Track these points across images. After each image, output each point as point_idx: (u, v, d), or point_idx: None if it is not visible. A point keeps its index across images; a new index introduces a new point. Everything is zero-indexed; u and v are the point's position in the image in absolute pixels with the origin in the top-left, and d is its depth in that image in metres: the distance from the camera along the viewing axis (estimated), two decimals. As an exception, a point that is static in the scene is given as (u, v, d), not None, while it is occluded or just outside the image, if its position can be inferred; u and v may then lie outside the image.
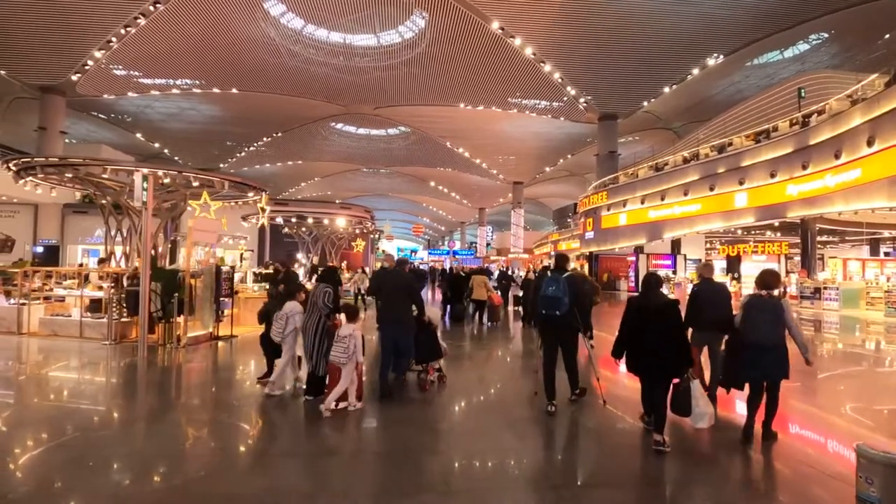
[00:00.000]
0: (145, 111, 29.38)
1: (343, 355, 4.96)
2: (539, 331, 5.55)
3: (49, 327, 8.85)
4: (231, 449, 4.28)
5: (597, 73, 22.62)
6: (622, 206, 22.46)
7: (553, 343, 5.25)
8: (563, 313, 5.01)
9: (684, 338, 4.31)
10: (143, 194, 6.15)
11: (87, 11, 18.09)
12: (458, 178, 43.10)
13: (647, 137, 32.15)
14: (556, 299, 5.03)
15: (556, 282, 5.10)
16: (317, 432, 4.71)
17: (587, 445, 4.72)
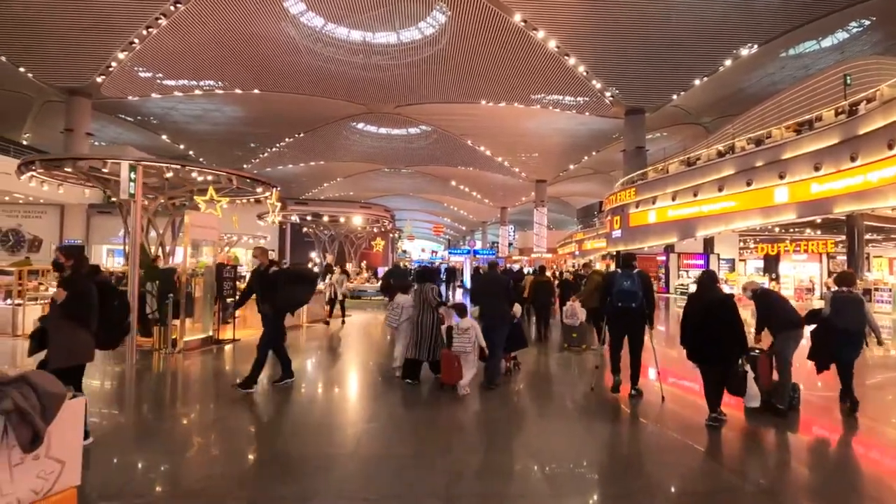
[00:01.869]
0: (170, 113, 29.72)
1: (468, 345, 5.85)
2: (608, 323, 6.13)
3: None
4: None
5: (623, 65, 21.81)
6: (651, 204, 21.54)
7: (622, 334, 5.99)
8: (637, 305, 5.76)
9: (740, 328, 4.73)
10: (131, 186, 5.75)
11: (109, 12, 18.20)
12: (479, 176, 42.53)
13: (675, 133, 31.06)
14: (632, 293, 5.74)
15: (630, 277, 5.79)
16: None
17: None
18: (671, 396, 5.97)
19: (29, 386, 2.17)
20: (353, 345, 10.03)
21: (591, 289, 8.80)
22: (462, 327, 5.92)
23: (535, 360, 8.04)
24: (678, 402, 5.94)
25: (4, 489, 2.11)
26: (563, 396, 6.34)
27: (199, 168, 8.44)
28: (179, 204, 9.40)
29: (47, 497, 2.28)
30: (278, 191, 10.55)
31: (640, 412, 5.44)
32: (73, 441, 2.44)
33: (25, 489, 2.18)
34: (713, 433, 4.66)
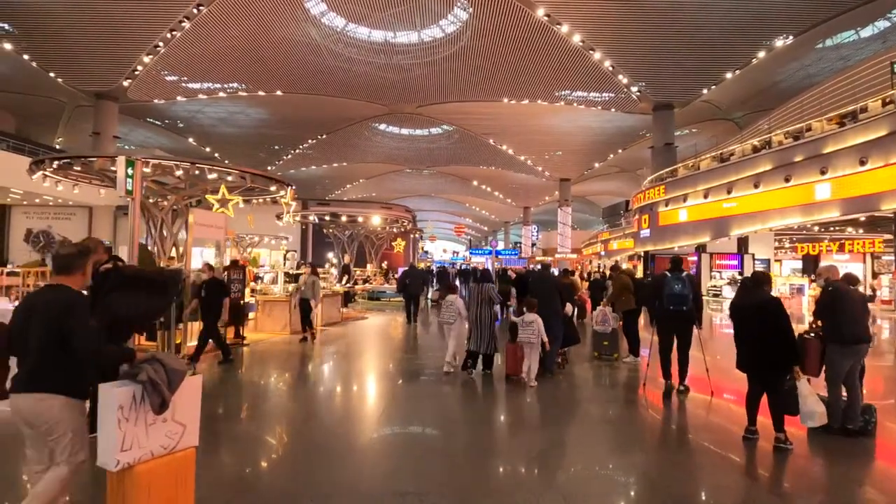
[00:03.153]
0: (196, 116, 30.16)
1: (532, 336, 6.47)
2: (658, 324, 6.39)
3: None
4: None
5: (651, 58, 21.07)
6: (682, 201, 20.72)
7: (672, 334, 6.21)
8: (688, 308, 6.03)
9: (790, 336, 4.35)
10: (128, 182, 5.49)
11: (134, 17, 18.42)
12: (501, 176, 42.01)
13: (704, 130, 30.01)
14: (683, 296, 6.02)
15: (681, 280, 6.07)
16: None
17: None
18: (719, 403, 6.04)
19: (159, 362, 2.74)
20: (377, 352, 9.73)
21: (618, 290, 8.32)
22: (527, 321, 6.62)
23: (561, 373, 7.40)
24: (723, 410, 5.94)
25: (142, 443, 2.69)
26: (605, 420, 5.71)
27: (211, 165, 8.19)
28: (196, 203, 9.22)
29: (173, 453, 2.83)
30: (293, 189, 10.31)
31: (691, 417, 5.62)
32: (193, 409, 2.95)
33: (156, 445, 2.76)
34: (750, 448, 4.42)
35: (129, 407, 2.64)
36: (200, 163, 8.04)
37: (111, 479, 2.65)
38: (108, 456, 2.58)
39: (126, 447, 2.62)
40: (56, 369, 2.62)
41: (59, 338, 2.59)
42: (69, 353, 2.61)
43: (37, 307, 2.70)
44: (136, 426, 2.67)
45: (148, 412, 2.68)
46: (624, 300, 8.22)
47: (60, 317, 2.60)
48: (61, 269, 2.83)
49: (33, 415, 2.60)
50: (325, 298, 11.03)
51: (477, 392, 6.59)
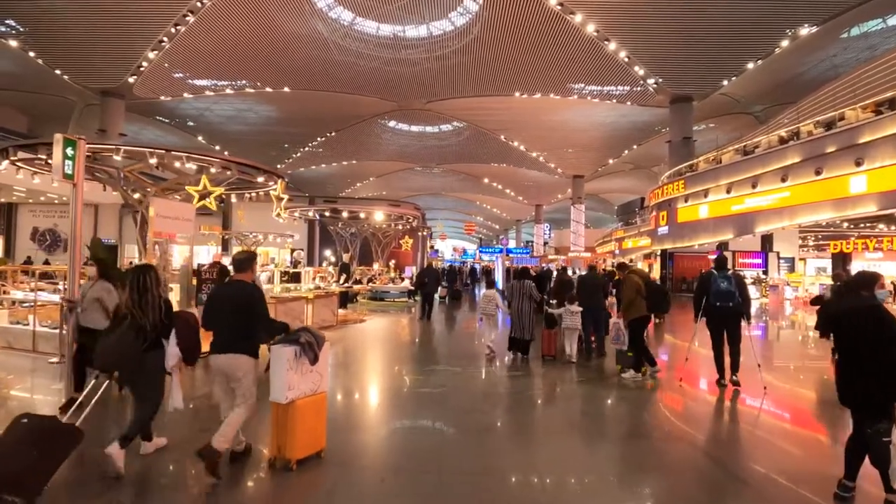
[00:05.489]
0: (205, 114, 29.90)
1: (578, 323, 8.21)
2: (708, 322, 6.66)
3: (5, 338, 7.78)
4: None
5: (669, 49, 20.22)
6: (703, 197, 19.82)
7: (722, 331, 6.57)
8: (734, 304, 6.37)
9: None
10: (67, 165, 4.88)
11: (138, 11, 18.03)
12: (513, 173, 41.24)
13: (722, 124, 28.99)
14: (730, 293, 6.36)
15: (727, 278, 6.43)
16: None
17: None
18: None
19: (308, 331, 4.01)
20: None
21: (630, 295, 7.27)
22: (572, 311, 8.16)
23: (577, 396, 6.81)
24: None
25: (299, 386, 3.89)
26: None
27: (189, 153, 7.61)
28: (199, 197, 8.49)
29: (315, 394, 4.05)
30: (284, 181, 9.68)
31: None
32: (325, 366, 4.17)
33: (306, 388, 3.98)
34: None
35: (292, 360, 3.84)
36: (177, 150, 7.45)
37: (278, 409, 3.86)
38: (280, 393, 3.81)
39: (290, 388, 3.83)
40: (242, 338, 3.80)
41: (245, 316, 3.79)
42: (250, 327, 3.82)
43: (227, 296, 3.92)
44: (296, 374, 3.86)
45: (303, 364, 3.91)
46: (636, 306, 7.27)
47: (248, 301, 3.81)
48: (239, 269, 4.05)
49: (230, 368, 3.79)
50: (318, 300, 10.40)
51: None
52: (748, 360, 6.75)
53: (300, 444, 3.87)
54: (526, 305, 8.17)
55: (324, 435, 4.11)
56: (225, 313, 3.81)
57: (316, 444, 4.03)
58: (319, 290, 11.00)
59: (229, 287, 4.02)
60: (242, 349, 3.77)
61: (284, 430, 3.84)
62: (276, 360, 3.80)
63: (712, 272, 6.62)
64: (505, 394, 6.68)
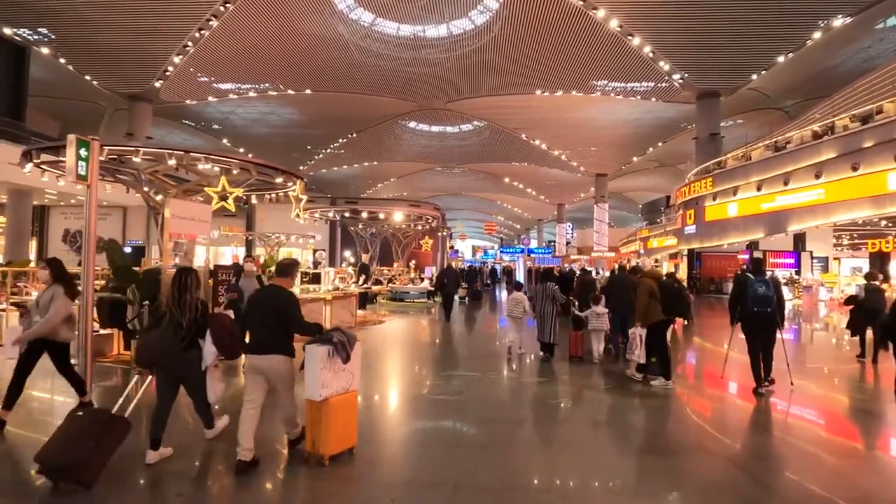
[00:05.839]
0: (230, 117, 30.40)
1: (605, 325, 8.33)
2: (744, 327, 6.45)
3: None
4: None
5: (695, 43, 19.68)
6: (732, 195, 19.22)
7: (758, 335, 6.34)
8: (772, 310, 6.16)
9: None
10: (81, 166, 4.90)
11: (163, 16, 18.41)
12: (534, 172, 40.81)
13: (751, 120, 28.15)
14: (768, 298, 6.13)
15: (766, 283, 6.19)
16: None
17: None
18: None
19: (341, 331, 4.15)
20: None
21: (644, 299, 6.92)
22: (598, 312, 8.22)
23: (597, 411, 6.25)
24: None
25: (332, 384, 4.03)
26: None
27: (207, 154, 7.64)
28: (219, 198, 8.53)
29: (347, 392, 4.18)
30: (303, 182, 9.66)
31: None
32: (356, 364, 4.29)
33: (339, 386, 4.11)
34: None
35: (325, 359, 3.97)
36: (195, 151, 7.49)
37: (313, 406, 4.01)
38: (314, 391, 3.95)
39: (324, 386, 3.96)
40: (279, 339, 4.00)
41: (282, 319, 3.99)
42: (286, 329, 4.03)
43: (266, 300, 4.12)
44: (329, 372, 4.00)
45: (335, 364, 4.04)
46: (652, 310, 6.92)
47: (283, 306, 4.00)
48: (280, 274, 4.28)
49: (266, 367, 3.97)
50: (336, 301, 10.35)
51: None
52: (780, 364, 6.63)
53: (333, 440, 4.03)
54: (549, 308, 8.24)
55: (355, 432, 4.28)
56: (261, 316, 4.02)
57: (348, 441, 4.20)
58: (338, 291, 10.97)
59: (266, 291, 4.25)
60: (278, 349, 3.98)
61: (318, 427, 4.01)
62: (310, 359, 3.96)
63: (748, 276, 6.40)
64: (527, 401, 6.48)
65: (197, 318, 4.09)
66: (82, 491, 3.44)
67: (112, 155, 7.92)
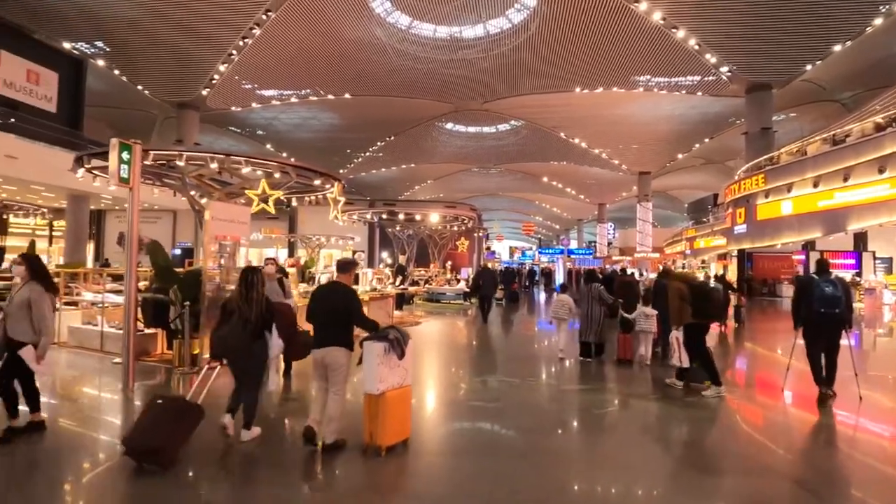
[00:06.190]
0: (273, 123, 31.31)
1: (653, 327, 8.18)
2: (806, 329, 6.23)
3: (76, 337, 8.13)
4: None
5: (744, 33, 18.76)
6: (786, 192, 18.14)
7: (822, 338, 6.15)
8: (840, 311, 5.96)
9: None
10: (123, 169, 5.02)
11: (210, 27, 19.11)
12: (574, 171, 40.03)
13: (805, 113, 26.60)
14: (836, 298, 5.95)
15: (832, 283, 6.03)
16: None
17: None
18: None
19: (396, 329, 4.43)
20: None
21: (675, 303, 6.77)
22: (647, 314, 8.16)
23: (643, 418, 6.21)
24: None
25: (388, 379, 4.25)
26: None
27: (248, 157, 7.79)
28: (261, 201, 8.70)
29: (401, 387, 4.42)
30: (341, 184, 9.74)
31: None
32: (410, 360, 4.54)
33: (395, 381, 4.34)
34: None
35: (382, 355, 4.20)
36: (236, 155, 7.66)
37: (370, 400, 4.24)
38: (372, 385, 4.19)
39: (381, 380, 4.19)
40: (341, 333, 4.29)
41: (343, 313, 4.27)
42: (347, 323, 4.30)
43: (328, 295, 4.44)
44: (385, 368, 4.22)
45: (391, 359, 4.27)
46: (684, 313, 6.76)
47: (345, 301, 4.31)
48: (341, 271, 4.64)
49: (330, 359, 4.26)
50: (372, 301, 10.37)
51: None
52: (844, 372, 6.31)
53: (389, 432, 4.25)
54: (596, 309, 8.25)
55: (409, 425, 4.54)
56: (324, 311, 4.33)
57: (402, 433, 4.44)
58: (375, 293, 11.03)
59: (329, 287, 4.62)
60: (339, 343, 4.27)
61: (375, 420, 4.23)
62: (368, 355, 4.23)
63: (813, 277, 6.29)
64: (569, 410, 6.18)
65: (262, 312, 4.43)
66: (162, 472, 3.81)
67: (160, 160, 8.24)
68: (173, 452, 3.90)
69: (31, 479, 3.89)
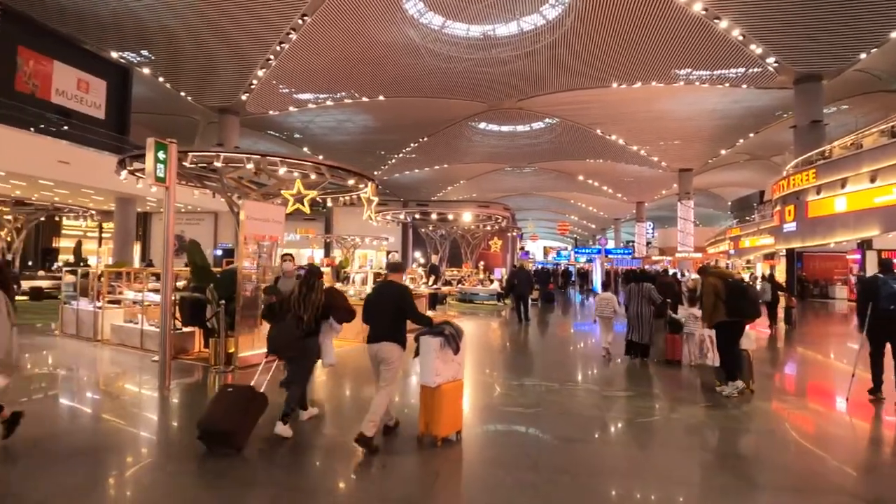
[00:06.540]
0: (309, 126, 31.93)
1: (697, 328, 8.02)
2: (870, 329, 6.19)
3: (118, 335, 8.35)
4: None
5: (792, 21, 17.82)
6: (839, 188, 17.16)
7: (887, 339, 6.15)
8: None
9: None
10: (159, 169, 5.08)
11: (248, 33, 19.60)
12: (611, 169, 39.12)
13: (858, 105, 25.09)
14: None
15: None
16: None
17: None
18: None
19: (451, 325, 4.60)
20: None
21: (709, 300, 6.49)
22: (696, 315, 8.00)
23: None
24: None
25: (444, 372, 4.44)
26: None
27: (283, 158, 7.86)
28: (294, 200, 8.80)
29: (454, 381, 4.59)
30: (374, 184, 9.74)
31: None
32: (463, 356, 4.73)
33: (450, 374, 4.52)
34: None
35: (438, 349, 4.39)
36: (271, 155, 7.75)
37: (427, 392, 4.45)
38: (429, 378, 4.39)
39: (437, 374, 4.38)
40: (394, 330, 4.43)
41: (397, 309, 4.43)
42: (401, 319, 4.45)
43: (382, 294, 4.60)
44: (441, 362, 4.41)
45: (446, 354, 4.45)
46: (718, 310, 6.46)
47: (398, 299, 4.46)
48: (392, 271, 4.87)
49: (383, 354, 4.39)
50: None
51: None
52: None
53: (445, 423, 4.43)
54: (645, 309, 8.17)
55: (461, 417, 4.70)
56: (378, 308, 4.52)
57: (456, 425, 4.60)
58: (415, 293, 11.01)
59: (382, 286, 4.79)
60: (392, 338, 4.43)
61: (431, 411, 4.41)
62: (425, 349, 4.43)
63: (877, 276, 6.30)
64: (614, 418, 5.66)
65: (318, 314, 4.74)
66: (233, 454, 4.12)
67: (202, 163, 8.45)
68: (243, 437, 4.17)
69: (73, 472, 3.97)
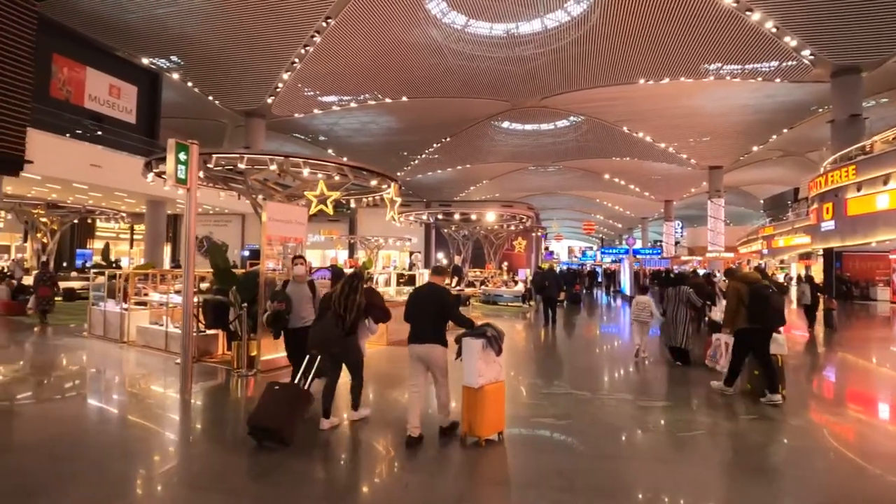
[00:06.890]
0: (333, 128, 32.27)
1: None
2: None
3: (143, 337, 8.39)
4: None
5: (827, 12, 17.13)
6: (881, 184, 16.42)
7: None
8: None
9: None
10: (180, 170, 5.07)
11: (273, 37, 19.91)
12: (638, 167, 38.35)
13: (896, 99, 23.97)
14: None
15: None
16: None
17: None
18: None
19: (493, 327, 4.63)
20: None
21: (731, 305, 6.21)
22: None
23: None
24: None
25: (486, 373, 4.48)
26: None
27: (306, 159, 7.85)
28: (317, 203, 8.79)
29: (496, 381, 4.62)
30: (397, 184, 9.68)
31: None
32: (504, 357, 4.77)
33: (492, 375, 4.56)
34: None
35: (480, 351, 4.44)
36: (294, 156, 7.75)
37: (470, 392, 4.49)
38: (472, 379, 4.43)
39: (480, 375, 4.42)
40: (436, 331, 4.62)
41: (439, 311, 4.60)
42: (442, 321, 4.63)
43: (425, 295, 4.75)
44: (483, 363, 4.45)
45: (489, 355, 4.50)
46: (740, 316, 6.13)
47: (440, 300, 4.64)
48: (435, 274, 5.01)
49: (425, 354, 4.60)
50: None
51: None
52: None
53: (487, 424, 4.47)
54: (682, 313, 7.95)
55: (504, 417, 4.71)
56: (421, 310, 4.66)
57: (498, 425, 4.63)
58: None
59: (426, 288, 4.89)
60: (435, 339, 4.59)
61: (474, 412, 4.45)
62: (467, 350, 4.49)
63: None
64: (653, 432, 5.21)
65: (358, 314, 4.86)
66: (282, 448, 4.29)
67: (226, 164, 8.53)
68: (290, 432, 4.34)
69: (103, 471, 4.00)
